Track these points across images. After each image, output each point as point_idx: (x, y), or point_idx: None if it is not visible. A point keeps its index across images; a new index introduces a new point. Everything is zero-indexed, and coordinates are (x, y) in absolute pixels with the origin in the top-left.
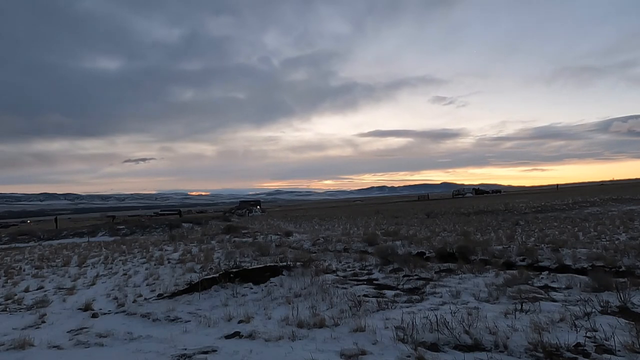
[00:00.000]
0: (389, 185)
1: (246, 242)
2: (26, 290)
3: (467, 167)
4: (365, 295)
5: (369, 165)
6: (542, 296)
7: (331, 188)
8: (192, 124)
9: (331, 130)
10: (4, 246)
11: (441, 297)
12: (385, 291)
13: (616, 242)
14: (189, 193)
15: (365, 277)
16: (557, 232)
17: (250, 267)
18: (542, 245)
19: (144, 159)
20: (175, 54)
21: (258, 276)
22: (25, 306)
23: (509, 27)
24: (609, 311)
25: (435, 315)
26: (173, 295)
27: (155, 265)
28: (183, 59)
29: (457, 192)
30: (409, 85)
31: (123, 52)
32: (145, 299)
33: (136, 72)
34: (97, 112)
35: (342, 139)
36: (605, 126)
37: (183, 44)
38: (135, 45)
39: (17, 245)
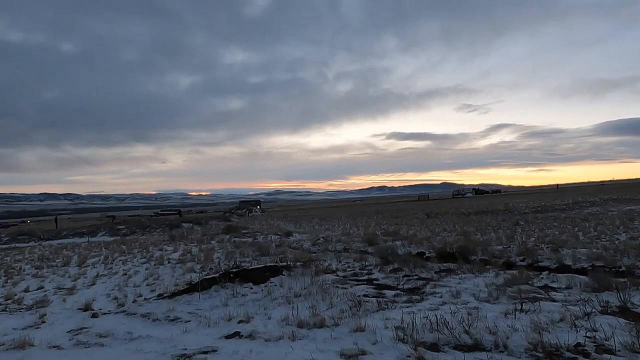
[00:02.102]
0: (389, 186)
1: (246, 242)
2: (26, 290)
3: (475, 168)
4: (365, 295)
5: (379, 166)
6: (542, 296)
7: (331, 188)
8: (232, 130)
9: (357, 135)
10: (4, 246)
11: (441, 297)
12: (385, 291)
13: (616, 242)
14: (188, 193)
15: (365, 277)
16: (557, 232)
17: (250, 267)
18: (542, 245)
19: (164, 161)
20: (245, 72)
21: (258, 276)
22: (25, 306)
23: (537, 56)
24: (609, 311)
25: (435, 315)
26: (173, 295)
27: (155, 265)
28: (250, 75)
29: (457, 192)
30: (440, 95)
31: (201, 71)
32: (145, 299)
33: (203, 86)
34: (156, 122)
35: (363, 142)
36: (610, 128)
37: (257, 64)
38: (215, 65)
39: (17, 245)
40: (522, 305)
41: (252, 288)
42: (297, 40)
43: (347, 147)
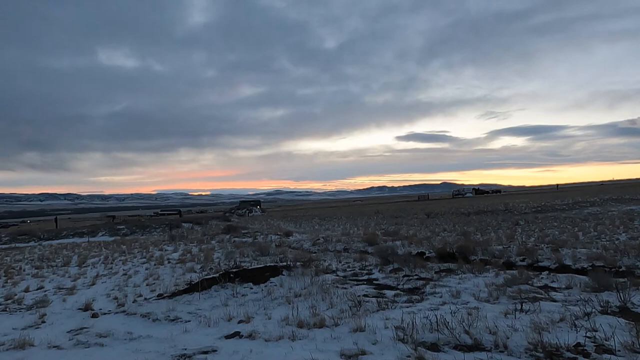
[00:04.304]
0: (389, 186)
1: (246, 242)
2: (26, 290)
3: (483, 169)
4: (365, 295)
5: (389, 167)
6: (542, 296)
7: (331, 188)
8: (266, 136)
9: (378, 139)
10: (4, 246)
11: (441, 297)
12: (385, 291)
13: (616, 242)
14: (189, 193)
15: (365, 277)
16: (557, 232)
17: (250, 267)
18: (542, 245)
19: (187, 162)
20: (301, 85)
21: (258, 276)
22: (25, 306)
23: (556, 78)
24: (609, 311)
25: (435, 315)
26: (173, 295)
27: (155, 265)
28: (304, 87)
29: (457, 192)
30: (468, 104)
31: (265, 85)
32: (145, 299)
33: (261, 98)
34: (205, 129)
35: (381, 145)
36: (613, 131)
37: (314, 78)
38: (279, 80)
39: (17, 245)
40: (522, 305)
41: (252, 288)
42: (358, 66)
43: (366, 150)
